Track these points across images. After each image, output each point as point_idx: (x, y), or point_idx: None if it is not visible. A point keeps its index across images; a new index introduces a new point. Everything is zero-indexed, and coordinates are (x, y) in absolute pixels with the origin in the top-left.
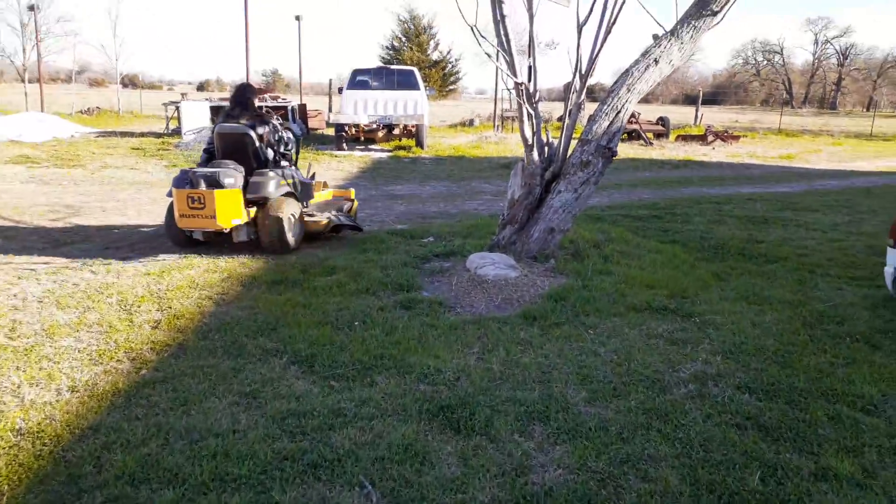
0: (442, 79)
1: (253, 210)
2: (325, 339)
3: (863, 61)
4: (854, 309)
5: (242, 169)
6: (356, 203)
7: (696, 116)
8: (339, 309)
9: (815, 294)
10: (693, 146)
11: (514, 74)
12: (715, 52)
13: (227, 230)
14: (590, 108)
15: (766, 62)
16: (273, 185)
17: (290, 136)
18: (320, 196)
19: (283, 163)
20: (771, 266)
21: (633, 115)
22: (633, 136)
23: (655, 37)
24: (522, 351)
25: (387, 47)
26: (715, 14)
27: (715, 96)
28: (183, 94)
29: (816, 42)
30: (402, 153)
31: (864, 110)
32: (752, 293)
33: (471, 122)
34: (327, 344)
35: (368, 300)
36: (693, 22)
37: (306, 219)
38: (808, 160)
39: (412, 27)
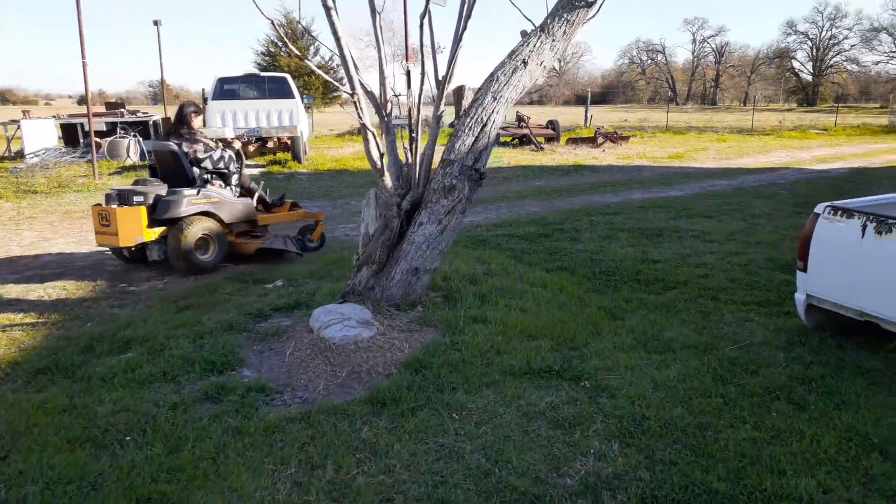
0: (325, 85)
1: (161, 229)
2: (72, 470)
3: (737, 58)
4: (767, 350)
5: (165, 187)
6: (322, 226)
7: (586, 118)
8: (115, 411)
9: (721, 331)
10: (584, 149)
11: (351, 82)
12: (603, 52)
13: (132, 248)
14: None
15: (650, 61)
16: (183, 203)
17: (230, 154)
18: (284, 216)
19: (218, 182)
20: (670, 294)
21: (522, 120)
22: (523, 141)
23: (524, 33)
24: (360, 464)
25: (262, 53)
26: (589, 6)
27: (605, 96)
28: (25, 112)
29: (695, 41)
30: (276, 168)
31: (742, 105)
32: (651, 336)
33: (357, 132)
34: (74, 480)
35: (162, 391)
36: (565, 15)
37: (235, 239)
38: (696, 158)
39: (289, 31)
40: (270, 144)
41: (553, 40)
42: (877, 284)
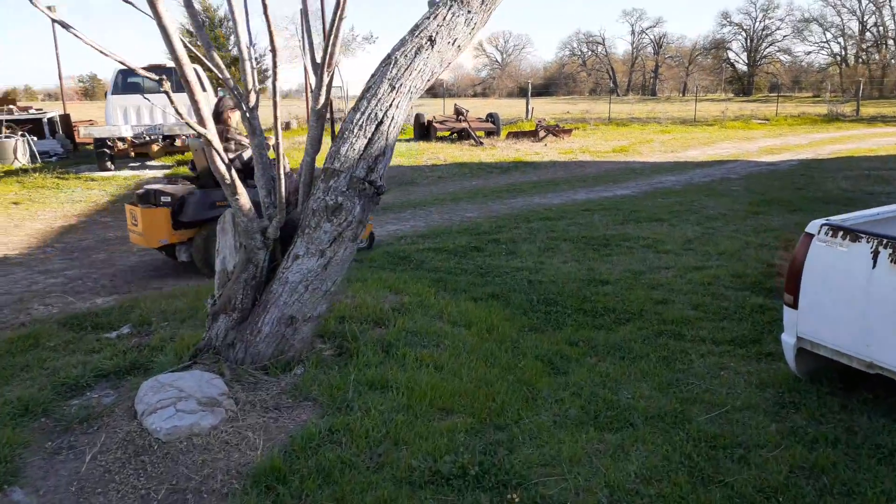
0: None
1: (191, 231)
2: None
3: (675, 49)
4: (754, 417)
5: (192, 187)
6: (370, 226)
7: (528, 110)
8: None
9: (692, 389)
10: (525, 143)
11: (178, 63)
12: (545, 44)
13: (157, 249)
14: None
15: (591, 53)
16: (199, 206)
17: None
18: None
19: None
20: (623, 330)
21: (461, 113)
22: (462, 135)
23: (432, 3)
24: None
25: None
26: None
27: (547, 87)
28: None
29: (633, 33)
30: (184, 170)
31: (681, 95)
32: (602, 400)
33: (287, 126)
34: None
35: None
36: None
37: None
38: (641, 152)
39: (206, 19)
40: (179, 143)
41: (469, 11)
42: (894, 329)
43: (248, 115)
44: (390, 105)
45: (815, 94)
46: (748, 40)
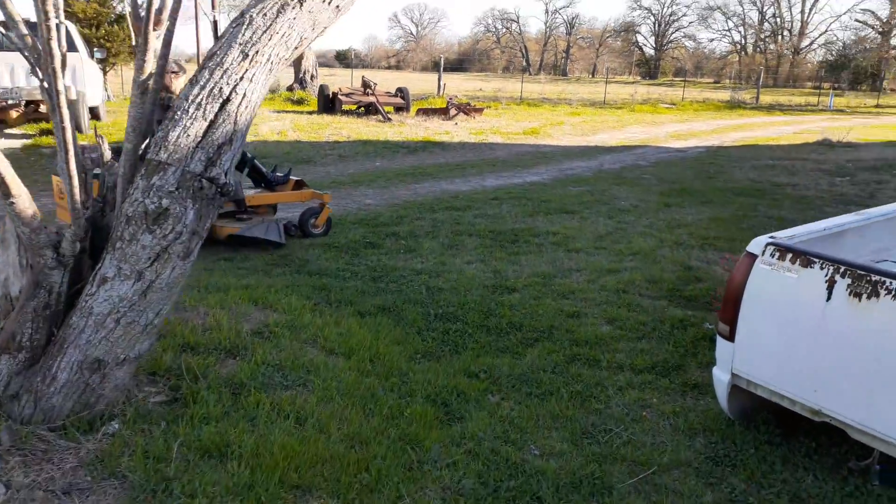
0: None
1: None
2: None
3: (586, 30)
4: (685, 480)
5: None
6: (328, 209)
7: (440, 86)
8: None
9: (611, 441)
10: (435, 121)
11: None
12: (461, 19)
13: None
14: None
15: (505, 30)
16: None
17: None
18: (284, 195)
19: None
20: (531, 354)
21: (368, 86)
22: (370, 110)
23: None
24: None
25: None
26: None
27: (461, 63)
28: None
29: (547, 12)
30: (46, 140)
31: (591, 76)
32: (503, 464)
33: None
34: None
35: None
36: None
37: (216, 223)
38: (552, 135)
39: None
40: (45, 109)
41: None
42: (849, 374)
43: (45, 86)
44: (241, 78)
45: (715, 80)
46: (656, 25)
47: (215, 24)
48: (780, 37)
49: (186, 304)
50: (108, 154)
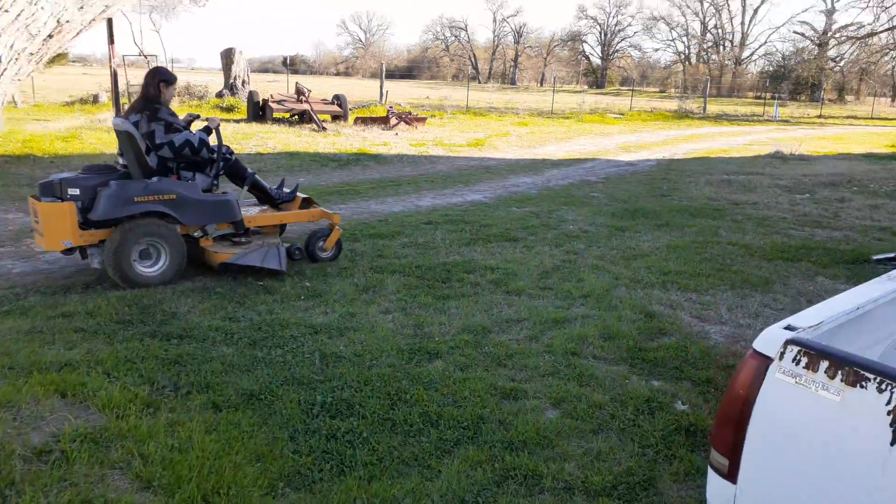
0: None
1: (104, 231)
2: None
3: (534, 39)
4: None
5: (112, 176)
6: (338, 231)
7: (382, 93)
8: None
9: None
10: (374, 130)
11: None
12: (410, 26)
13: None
14: None
15: (454, 38)
16: (121, 201)
17: (200, 136)
18: (290, 215)
19: (187, 174)
20: (448, 472)
21: (302, 93)
22: (304, 118)
23: None
24: None
25: None
26: None
27: (411, 71)
28: None
29: (495, 20)
30: None
31: (539, 85)
32: None
33: (95, 99)
34: None
35: None
36: None
37: (208, 245)
38: (497, 147)
39: None
40: None
41: None
42: None
43: None
44: None
45: (661, 89)
46: (602, 34)
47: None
48: (721, 47)
49: None
50: None
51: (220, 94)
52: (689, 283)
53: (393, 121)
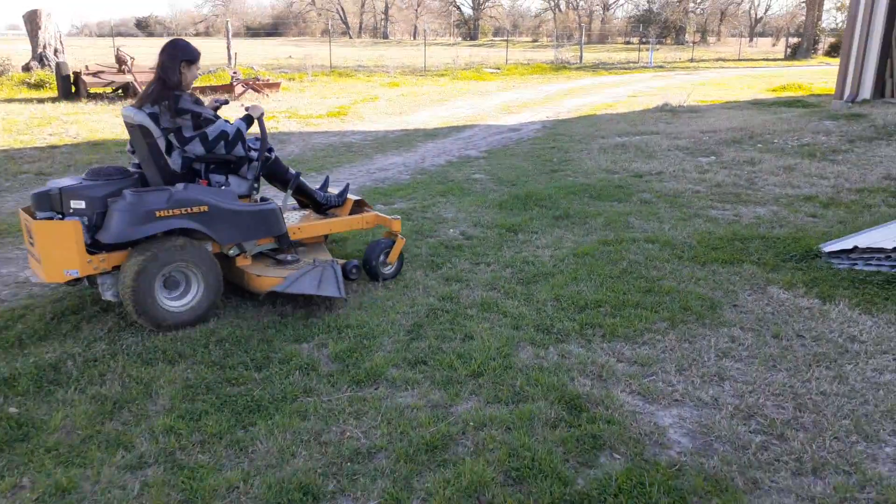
0: None
1: (118, 255)
2: None
3: None
4: None
5: (125, 184)
6: (402, 240)
7: (230, 56)
8: None
9: None
10: None
11: None
12: None
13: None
14: None
15: None
16: (139, 218)
17: (237, 128)
18: (341, 222)
19: (218, 178)
20: None
21: (124, 62)
22: (129, 92)
23: None
24: None
25: None
26: None
27: (277, 27)
28: None
29: None
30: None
31: (413, 38)
32: None
33: None
34: None
35: None
36: None
37: (246, 266)
38: (363, 115)
39: None
40: None
41: None
42: None
43: None
44: None
45: (534, 38)
46: None
47: None
48: None
49: None
50: None
51: (26, 68)
52: (615, 325)
53: (238, 89)
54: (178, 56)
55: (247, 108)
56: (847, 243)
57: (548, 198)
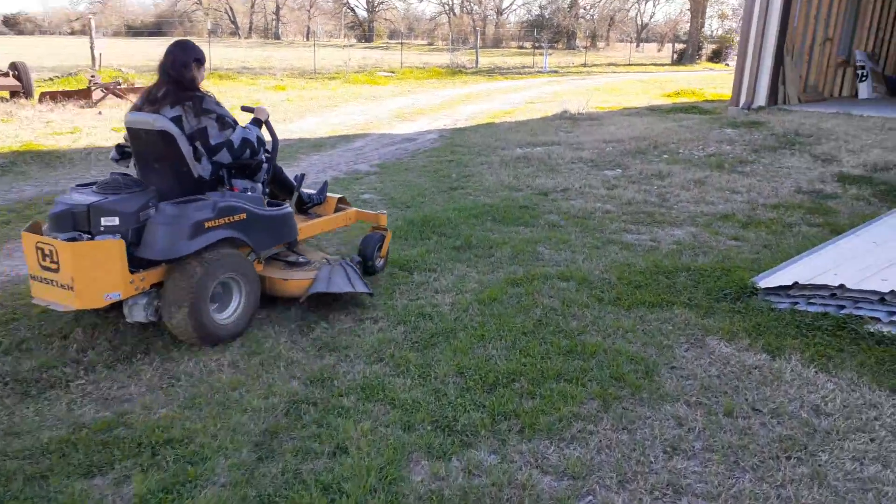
0: None
1: (154, 272)
2: None
3: None
4: None
5: (149, 195)
6: (389, 235)
7: (94, 57)
8: None
9: None
10: (70, 110)
11: None
12: None
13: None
14: None
15: None
16: (192, 228)
17: (257, 133)
18: (330, 221)
19: (243, 183)
20: None
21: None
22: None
23: None
24: None
25: None
26: None
27: (160, 27)
28: None
29: None
30: None
31: (306, 39)
32: None
33: None
34: None
35: None
36: None
37: (267, 273)
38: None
39: None
40: None
41: None
42: None
43: None
44: None
45: (429, 42)
46: None
47: None
48: None
49: None
50: None
51: None
52: (534, 412)
53: (97, 94)
54: (190, 56)
55: (248, 110)
56: (784, 277)
57: (447, 223)
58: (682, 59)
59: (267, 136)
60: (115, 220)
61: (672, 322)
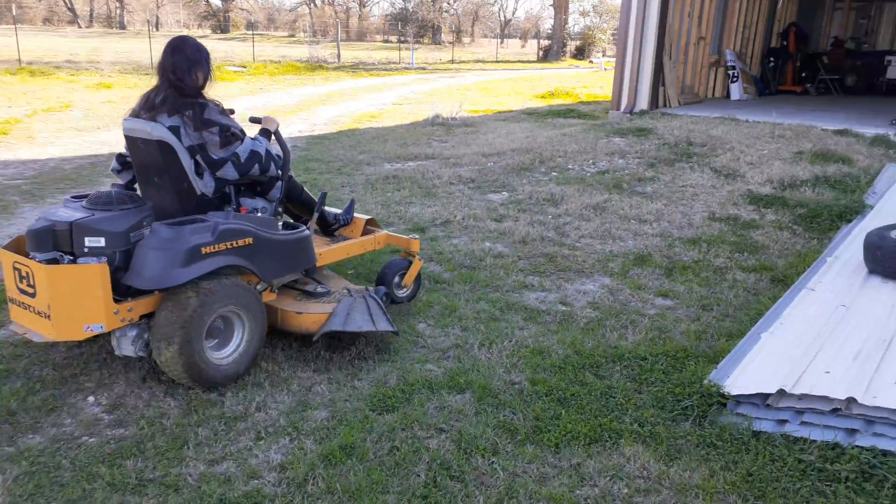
0: None
1: (145, 301)
2: None
3: None
4: None
5: (143, 213)
6: (419, 262)
7: None
8: None
9: None
10: None
11: None
12: None
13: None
14: None
15: None
16: (170, 256)
17: (266, 146)
18: (356, 245)
19: (254, 202)
20: None
21: None
22: None
23: None
24: None
25: None
26: None
27: None
28: None
29: None
30: None
31: (156, 30)
32: None
33: None
34: None
35: None
36: None
37: (277, 303)
38: (35, 134)
39: None
40: None
41: None
42: None
43: None
44: None
45: (290, 34)
46: None
47: None
48: None
49: None
50: None
51: None
52: None
53: None
54: (193, 56)
55: (255, 121)
56: (755, 376)
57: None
58: (547, 56)
59: (276, 149)
60: (101, 241)
61: (623, 475)
